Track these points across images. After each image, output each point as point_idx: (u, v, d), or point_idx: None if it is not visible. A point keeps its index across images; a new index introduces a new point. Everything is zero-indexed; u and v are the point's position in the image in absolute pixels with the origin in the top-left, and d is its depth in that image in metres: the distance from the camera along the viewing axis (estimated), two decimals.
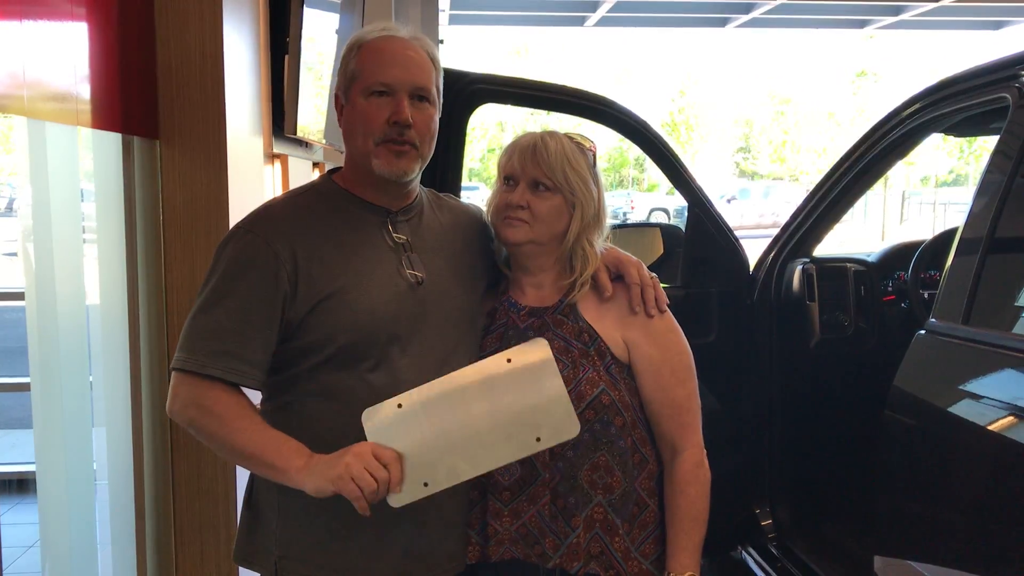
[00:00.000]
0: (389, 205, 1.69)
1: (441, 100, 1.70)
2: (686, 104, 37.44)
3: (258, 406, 1.72)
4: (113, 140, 2.32)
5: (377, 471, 1.45)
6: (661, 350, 1.74)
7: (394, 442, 1.49)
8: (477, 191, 24.41)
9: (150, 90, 2.36)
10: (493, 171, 1.87)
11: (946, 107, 2.39)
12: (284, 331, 1.58)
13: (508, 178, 1.73)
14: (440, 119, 1.70)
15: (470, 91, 2.61)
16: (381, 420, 1.50)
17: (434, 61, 1.67)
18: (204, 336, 1.55)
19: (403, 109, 1.60)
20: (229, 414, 1.54)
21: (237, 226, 1.63)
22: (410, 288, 1.64)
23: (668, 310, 1.77)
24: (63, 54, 2.01)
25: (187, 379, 1.55)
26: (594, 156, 1.78)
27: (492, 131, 33.52)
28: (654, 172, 33.62)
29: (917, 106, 2.53)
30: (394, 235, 1.67)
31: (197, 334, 1.56)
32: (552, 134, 1.73)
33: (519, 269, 1.79)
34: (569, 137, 1.75)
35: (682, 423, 1.74)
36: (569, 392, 1.63)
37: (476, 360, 1.71)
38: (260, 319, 1.56)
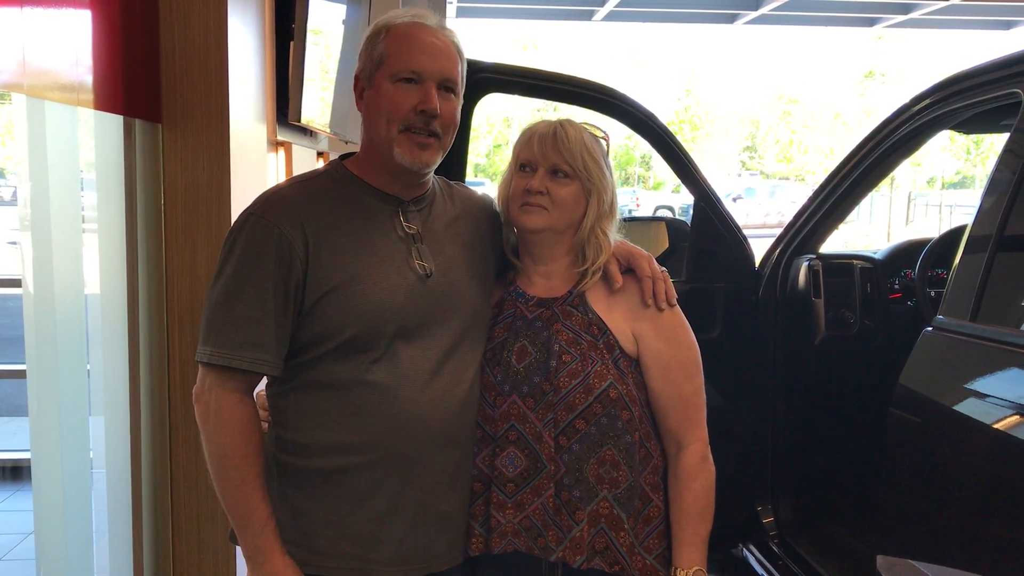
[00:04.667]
0: (402, 194, 1.66)
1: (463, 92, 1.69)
2: (692, 103, 37.37)
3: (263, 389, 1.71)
4: (114, 123, 2.29)
5: None
6: (670, 344, 1.73)
7: None
8: (483, 187, 24.34)
9: (153, 73, 2.34)
10: (499, 167, 1.86)
11: (956, 103, 2.36)
12: (294, 319, 1.56)
13: (525, 165, 1.72)
14: None
15: (476, 80, 2.58)
16: None
17: (460, 53, 1.66)
18: (227, 328, 1.53)
19: (432, 98, 1.58)
20: (235, 461, 1.54)
21: (248, 212, 1.59)
22: (419, 280, 1.62)
23: (677, 305, 1.76)
24: (65, 34, 1.98)
25: (213, 373, 1.54)
26: (607, 145, 1.78)
27: (499, 127, 33.45)
28: (660, 170, 33.59)
29: (926, 102, 2.50)
30: (405, 225, 1.65)
31: (220, 326, 1.54)
32: (570, 122, 1.74)
33: (529, 258, 1.78)
34: (584, 126, 1.75)
35: (688, 418, 1.73)
36: (577, 385, 1.63)
37: (482, 351, 1.70)
38: (278, 306, 1.54)
